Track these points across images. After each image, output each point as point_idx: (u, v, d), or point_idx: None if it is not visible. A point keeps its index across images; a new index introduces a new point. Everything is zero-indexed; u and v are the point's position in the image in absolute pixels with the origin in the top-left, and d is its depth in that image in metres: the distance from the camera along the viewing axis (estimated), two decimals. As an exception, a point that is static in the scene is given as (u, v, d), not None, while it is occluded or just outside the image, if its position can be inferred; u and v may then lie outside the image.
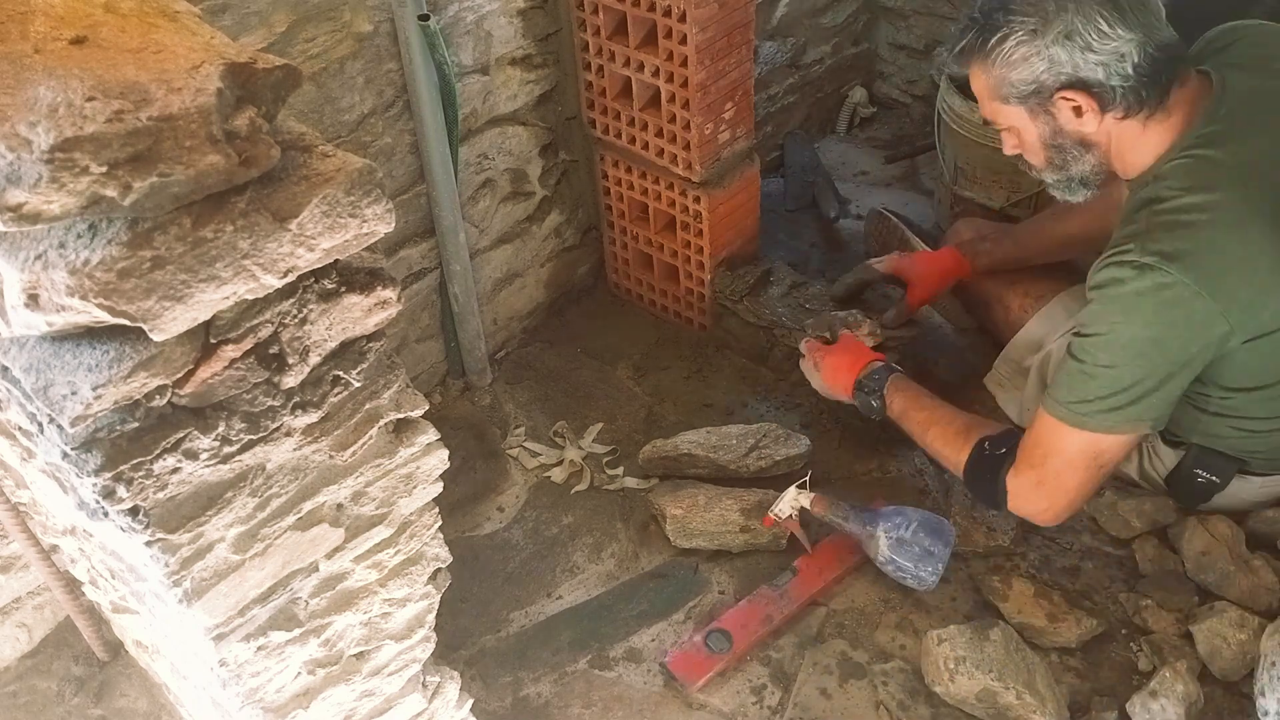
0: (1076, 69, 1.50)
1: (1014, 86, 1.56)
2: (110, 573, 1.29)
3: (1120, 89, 1.51)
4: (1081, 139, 1.60)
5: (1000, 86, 1.58)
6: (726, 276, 2.35)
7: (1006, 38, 1.53)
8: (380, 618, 1.24)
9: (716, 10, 1.99)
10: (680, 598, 1.92)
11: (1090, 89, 1.52)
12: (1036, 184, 2.37)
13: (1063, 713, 1.66)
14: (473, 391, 2.33)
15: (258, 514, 1.02)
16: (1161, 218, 1.50)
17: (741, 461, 2.06)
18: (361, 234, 0.91)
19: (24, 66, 0.80)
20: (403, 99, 1.92)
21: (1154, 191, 1.54)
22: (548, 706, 1.78)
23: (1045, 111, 1.58)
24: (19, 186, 0.73)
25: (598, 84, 2.21)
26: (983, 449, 1.72)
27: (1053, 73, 1.52)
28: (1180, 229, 1.49)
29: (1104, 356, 1.54)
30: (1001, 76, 1.56)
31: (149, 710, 1.77)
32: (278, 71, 0.85)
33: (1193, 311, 1.47)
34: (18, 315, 0.82)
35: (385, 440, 1.11)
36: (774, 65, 2.85)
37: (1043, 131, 1.61)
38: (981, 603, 1.86)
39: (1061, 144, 1.61)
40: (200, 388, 0.91)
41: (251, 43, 1.62)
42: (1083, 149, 1.61)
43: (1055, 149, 1.63)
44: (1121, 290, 1.50)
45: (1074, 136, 1.60)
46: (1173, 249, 1.47)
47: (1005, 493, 1.68)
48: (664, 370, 2.38)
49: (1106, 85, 1.51)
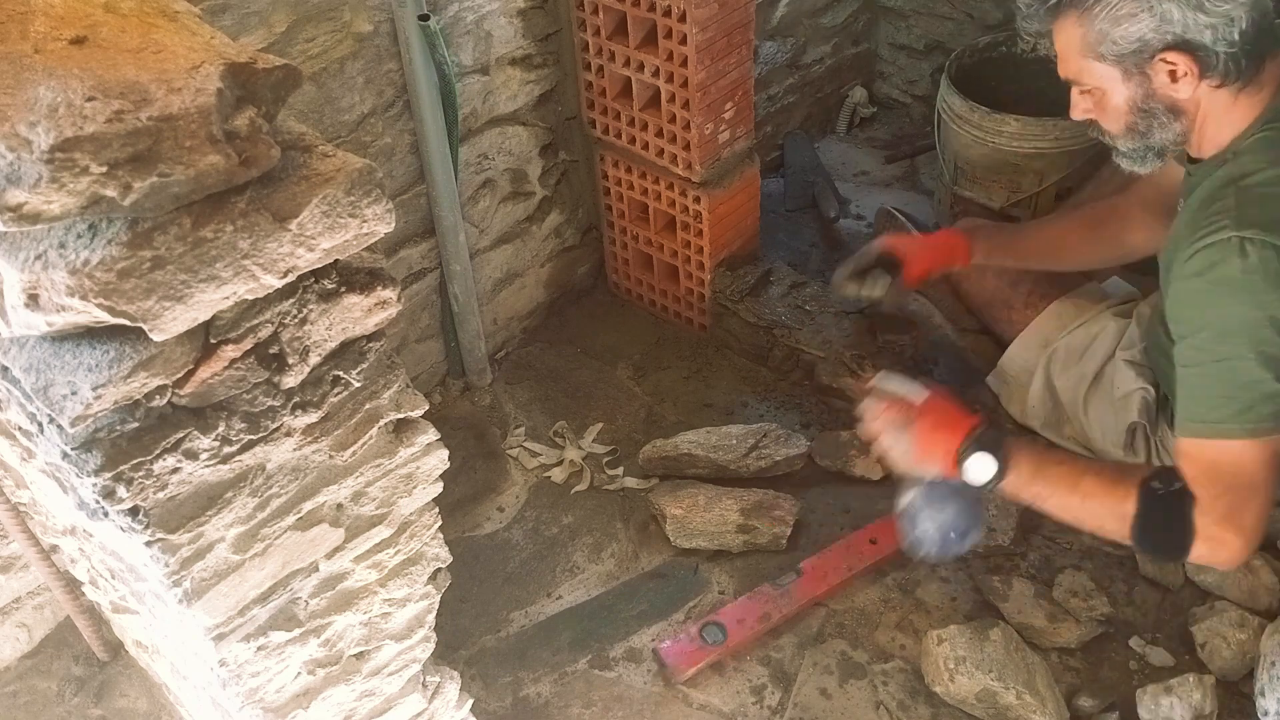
0: (1185, 29, 1.39)
1: (1115, 43, 1.44)
2: (110, 573, 1.29)
3: (1224, 55, 1.40)
4: (1173, 104, 1.49)
5: (1099, 42, 1.45)
6: (726, 276, 2.35)
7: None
8: (380, 618, 1.24)
9: (716, 10, 1.99)
10: (680, 598, 1.92)
11: (1195, 52, 1.41)
12: (1036, 184, 2.38)
13: (1063, 713, 1.67)
14: (473, 391, 2.33)
15: (258, 514, 1.02)
16: (1254, 191, 1.42)
17: (741, 461, 2.06)
18: (361, 234, 0.91)
19: (24, 66, 0.80)
20: (403, 99, 1.92)
21: (1237, 169, 1.46)
22: (548, 706, 1.78)
23: (1141, 73, 1.46)
24: (19, 186, 0.73)
25: (598, 84, 2.21)
26: (1153, 490, 1.44)
27: (1160, 31, 1.41)
28: (1276, 200, 1.41)
29: (1224, 349, 1.41)
30: (1102, 31, 1.44)
31: (149, 710, 1.78)
32: (278, 71, 0.85)
33: None
34: (18, 315, 0.82)
35: (385, 440, 1.11)
36: (774, 65, 2.85)
37: (1134, 94, 1.49)
38: (981, 603, 1.86)
39: (1151, 108, 1.50)
40: (200, 388, 0.91)
41: (251, 43, 1.62)
42: (1171, 116, 1.50)
43: (1143, 113, 1.51)
44: (1224, 272, 1.40)
45: (1166, 102, 1.49)
46: (1272, 219, 1.38)
47: (1194, 533, 1.41)
48: (664, 370, 2.38)
49: (1212, 50, 1.40)
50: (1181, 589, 1.84)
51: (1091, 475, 1.49)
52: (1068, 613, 1.79)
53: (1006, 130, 2.31)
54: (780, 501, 1.98)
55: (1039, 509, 1.54)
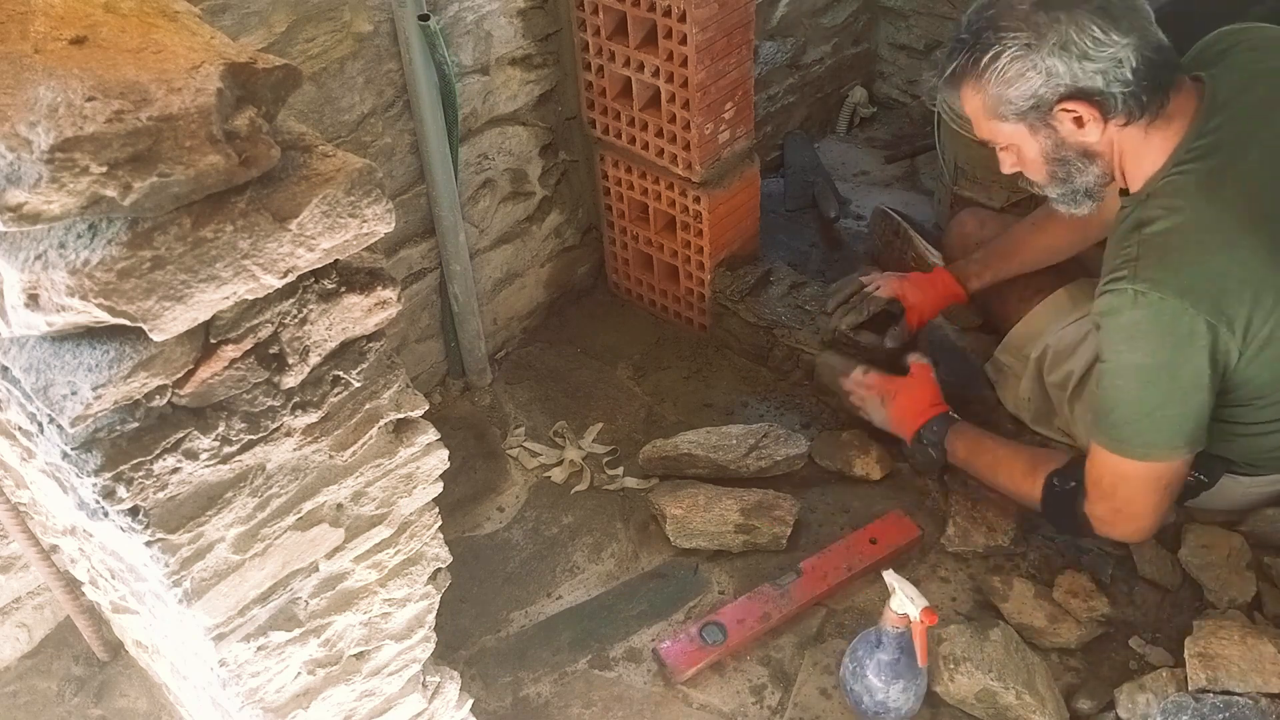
0: (1075, 79, 1.46)
1: (1011, 103, 1.52)
2: (110, 573, 1.29)
3: (1121, 95, 1.47)
4: (1085, 150, 1.56)
5: (997, 105, 1.54)
6: (726, 276, 2.35)
7: (1000, 55, 1.48)
8: (380, 618, 1.24)
9: (716, 10, 1.99)
10: (680, 598, 1.92)
11: (1091, 98, 1.48)
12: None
13: (1062, 713, 1.67)
14: (473, 391, 2.34)
15: (258, 514, 1.02)
16: (1153, 242, 1.49)
17: (741, 461, 2.06)
18: (361, 234, 0.91)
19: (24, 66, 0.80)
20: (403, 99, 1.92)
21: (1144, 213, 1.52)
22: (548, 706, 1.78)
23: (1046, 125, 1.53)
24: (19, 186, 0.73)
25: (598, 84, 2.21)
26: (1052, 486, 1.73)
27: (1051, 85, 1.47)
28: (1171, 253, 1.48)
29: (1121, 384, 1.56)
30: (998, 95, 1.52)
31: (149, 710, 1.78)
32: (278, 71, 0.85)
33: (1195, 333, 1.47)
34: (18, 315, 0.82)
35: (385, 440, 1.11)
36: (774, 65, 2.85)
37: (1044, 146, 1.57)
38: (981, 603, 1.86)
39: (1065, 156, 1.57)
40: (200, 388, 0.91)
41: (251, 43, 1.62)
42: (1086, 160, 1.58)
43: (1058, 162, 1.59)
44: (1120, 320, 1.52)
45: (1077, 148, 1.56)
46: (1164, 275, 1.46)
47: (1088, 522, 1.69)
48: (664, 370, 2.38)
49: (1107, 92, 1.47)
50: (1181, 589, 1.84)
51: (1005, 466, 1.83)
52: (1068, 613, 1.79)
53: (1006, 130, 2.31)
54: (780, 501, 1.98)
55: None
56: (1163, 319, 1.47)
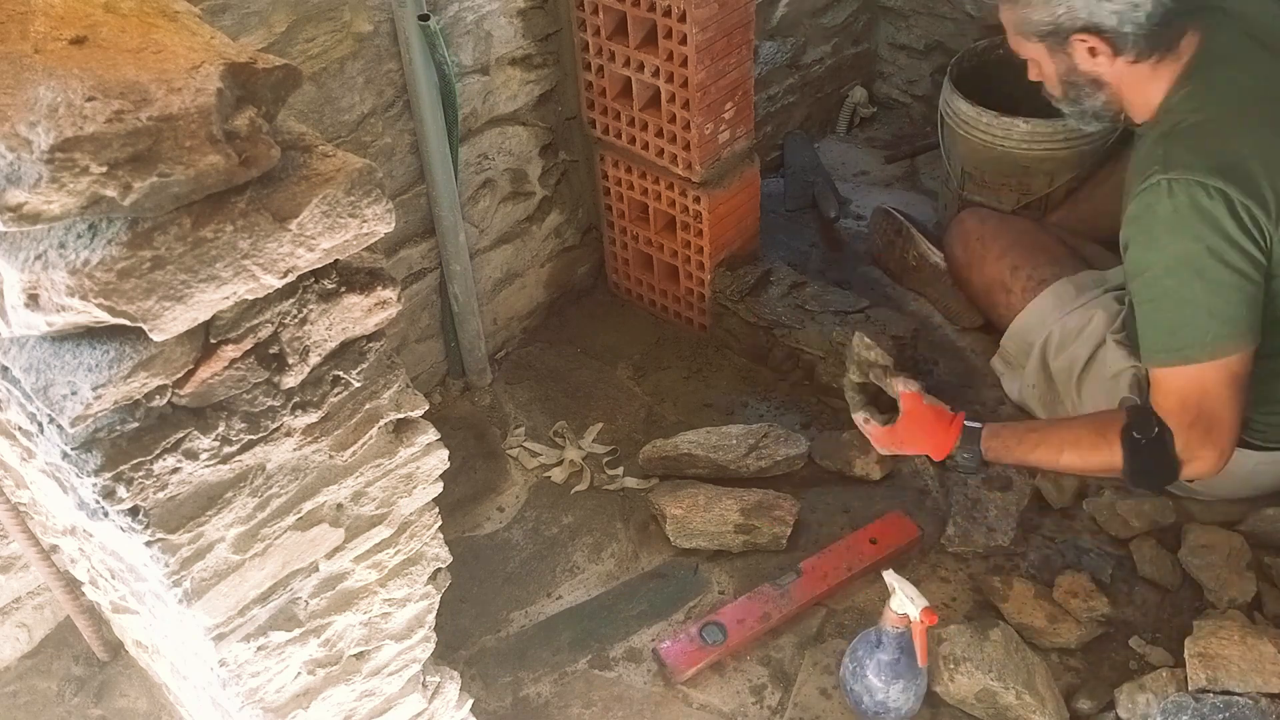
0: (1091, 15, 1.59)
1: (1034, 25, 1.67)
2: (110, 573, 1.29)
3: (1133, 35, 1.59)
4: (1094, 78, 1.70)
5: (1022, 24, 1.69)
6: (726, 276, 2.35)
7: None
8: (380, 618, 1.24)
9: (716, 10, 1.99)
10: (680, 598, 1.92)
11: (1104, 34, 1.61)
12: (1047, 186, 2.37)
13: (1062, 713, 1.67)
14: (473, 391, 2.34)
15: (258, 514, 1.02)
16: (1178, 137, 1.57)
17: (741, 461, 2.06)
18: (361, 234, 0.91)
19: (24, 66, 0.80)
20: (403, 99, 1.92)
21: (1166, 123, 1.61)
22: (548, 706, 1.78)
23: (1062, 50, 1.68)
24: (19, 186, 0.73)
25: (598, 84, 2.21)
26: (1135, 441, 1.61)
27: (1070, 16, 1.62)
28: (1200, 140, 1.55)
29: (1170, 282, 1.56)
30: (1024, 16, 1.68)
31: (149, 710, 1.78)
32: (278, 71, 0.85)
33: (1235, 210, 1.50)
34: (18, 315, 0.82)
35: (385, 440, 1.11)
36: (774, 65, 2.85)
37: (1059, 68, 1.72)
38: (981, 603, 1.86)
39: (1076, 81, 1.72)
40: (200, 388, 0.91)
41: (251, 43, 1.62)
42: (1095, 87, 1.71)
43: (1070, 85, 1.74)
44: (1158, 212, 1.54)
45: (1087, 75, 1.70)
46: (1195, 159, 1.52)
47: (1180, 464, 1.60)
48: (664, 370, 2.38)
49: (1120, 31, 1.59)
50: (1181, 589, 1.84)
51: (1069, 446, 1.71)
52: (1068, 613, 1.79)
53: (1017, 133, 2.30)
54: (780, 501, 1.98)
55: None
56: (1201, 201, 1.50)
